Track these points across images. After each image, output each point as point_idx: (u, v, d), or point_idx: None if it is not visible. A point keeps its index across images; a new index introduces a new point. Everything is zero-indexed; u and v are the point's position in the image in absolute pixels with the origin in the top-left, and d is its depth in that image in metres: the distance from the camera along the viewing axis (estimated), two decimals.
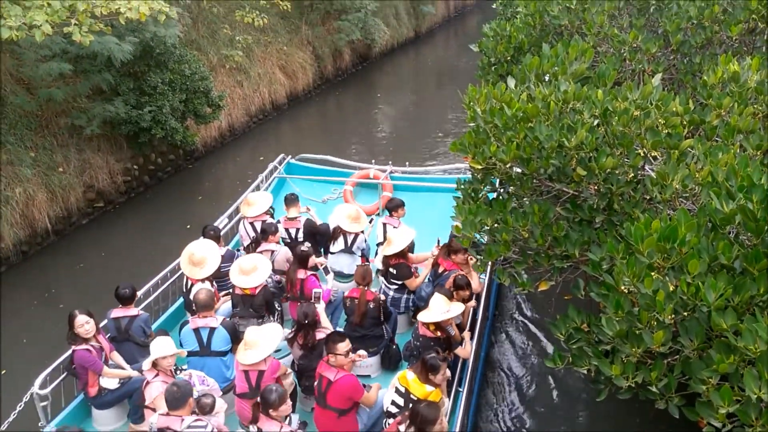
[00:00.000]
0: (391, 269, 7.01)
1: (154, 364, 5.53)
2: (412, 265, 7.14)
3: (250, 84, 16.53)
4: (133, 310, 6.38)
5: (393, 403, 5.27)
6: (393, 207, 7.93)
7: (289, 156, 11.18)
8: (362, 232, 7.66)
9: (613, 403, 4.53)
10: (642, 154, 4.17)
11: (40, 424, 5.83)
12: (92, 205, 11.60)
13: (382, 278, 7.18)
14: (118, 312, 6.33)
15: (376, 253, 7.87)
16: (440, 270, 6.82)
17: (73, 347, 5.82)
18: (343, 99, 19.50)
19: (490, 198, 5.30)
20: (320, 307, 6.20)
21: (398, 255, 6.95)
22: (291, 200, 8.13)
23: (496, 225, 4.67)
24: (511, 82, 5.27)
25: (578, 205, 4.62)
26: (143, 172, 12.90)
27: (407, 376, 5.23)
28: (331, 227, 7.86)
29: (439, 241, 7.17)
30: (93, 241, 10.87)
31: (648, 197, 4.26)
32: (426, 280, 7.03)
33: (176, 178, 13.68)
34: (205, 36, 15.53)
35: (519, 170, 4.81)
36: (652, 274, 3.26)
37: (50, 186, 10.67)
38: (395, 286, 7.05)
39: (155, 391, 5.36)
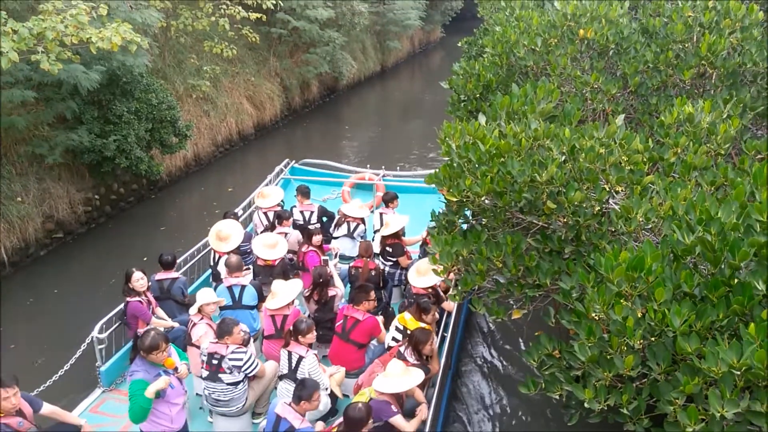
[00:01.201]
0: (387, 248, 8.45)
1: (200, 310, 6.71)
2: (404, 245, 8.56)
3: (216, 114, 16.61)
4: (173, 274, 7.74)
5: (393, 339, 6.73)
6: (388, 199, 9.36)
7: (293, 161, 12.79)
8: (363, 221, 9.13)
9: (581, 425, 4.71)
10: (607, 189, 4.44)
11: (96, 364, 7.02)
12: (51, 236, 11.35)
13: (379, 257, 8.51)
14: (161, 275, 7.66)
15: (373, 239, 9.18)
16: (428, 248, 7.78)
17: (128, 299, 7.11)
18: (311, 130, 19.72)
19: (464, 229, 5.51)
20: (333, 270, 7.68)
21: (394, 236, 8.44)
22: (305, 190, 9.72)
23: (471, 255, 4.86)
24: (482, 119, 5.53)
25: (548, 236, 4.85)
26: (105, 201, 12.74)
27: (405, 317, 6.75)
28: (337, 216, 9.52)
29: (428, 225, 7.82)
30: (49, 275, 10.58)
31: (612, 229, 4.52)
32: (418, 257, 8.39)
33: (139, 208, 13.56)
34: (172, 65, 15.60)
35: (490, 203, 5.03)
36: (622, 301, 3.47)
37: (8, 216, 10.42)
38: (390, 263, 8.47)
39: (201, 331, 6.55)
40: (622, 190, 4.47)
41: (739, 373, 2.97)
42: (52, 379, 6.94)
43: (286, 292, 6.85)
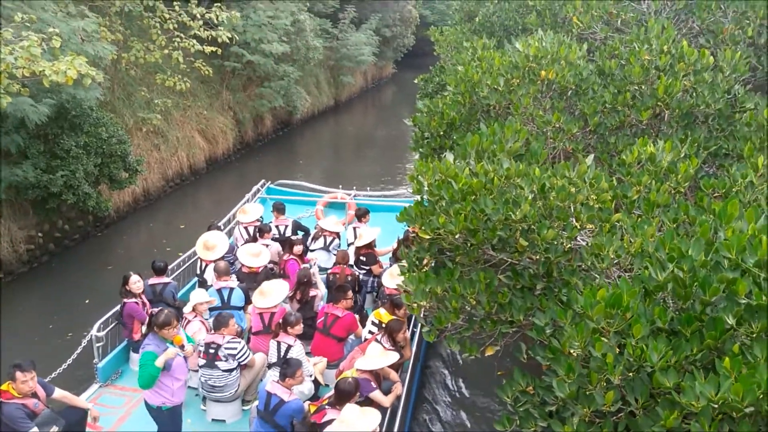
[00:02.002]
0: (361, 257, 9.33)
1: (194, 309, 7.47)
2: (376, 255, 9.49)
3: (167, 148, 16.37)
4: (165, 279, 8.36)
5: (369, 332, 7.54)
6: (361, 214, 10.45)
7: (269, 182, 13.75)
8: (338, 235, 10.09)
9: None
10: (578, 227, 4.56)
11: (94, 361, 7.67)
12: None
13: (354, 266, 9.28)
14: (153, 280, 8.27)
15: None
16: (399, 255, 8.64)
17: (125, 300, 7.80)
18: (264, 164, 19.60)
19: (434, 266, 5.54)
20: (315, 273, 8.56)
21: (367, 247, 9.36)
22: (280, 207, 10.76)
23: (444, 293, 4.90)
24: (450, 156, 5.62)
25: (519, 273, 4.93)
26: (48, 239, 12.22)
27: (380, 312, 7.64)
28: (312, 231, 10.56)
29: (398, 237, 9.55)
30: None
31: (582, 266, 4.63)
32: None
33: (85, 245, 13.07)
34: (121, 98, 15.33)
35: (462, 240, 5.09)
36: (602, 338, 3.55)
37: None
38: (364, 271, 9.29)
39: (195, 328, 7.29)
40: (591, 228, 4.60)
41: (717, 406, 3.06)
42: (52, 376, 7.31)
43: (276, 293, 7.61)
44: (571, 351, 3.82)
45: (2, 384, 5.83)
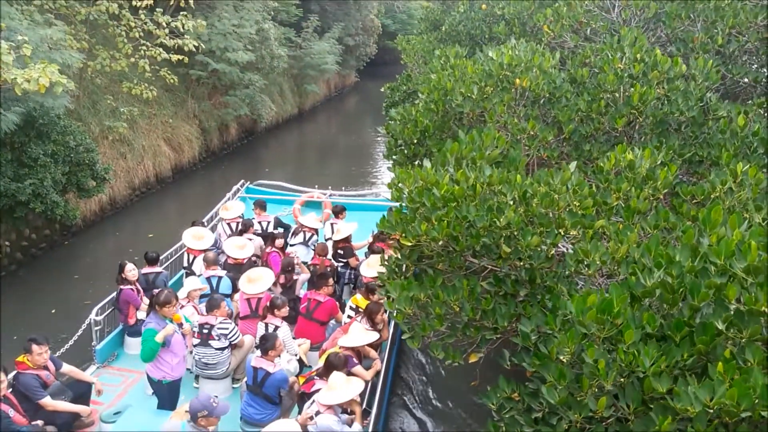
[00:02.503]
0: (339, 251, 9.87)
1: (188, 295, 7.94)
2: (353, 249, 10.00)
3: (133, 156, 16.08)
4: (157, 269, 8.95)
5: (348, 316, 8.08)
6: (338, 211, 11.16)
7: (248, 182, 14.12)
8: (316, 231, 10.73)
9: None
10: (561, 233, 4.58)
11: (93, 344, 8.12)
12: None
13: (332, 259, 9.75)
14: (146, 269, 8.84)
15: None
16: (374, 248, 9.44)
17: (121, 287, 8.31)
18: (229, 172, 19.33)
19: (415, 273, 5.53)
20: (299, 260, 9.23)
21: (344, 240, 9.95)
22: (262, 204, 11.32)
23: (427, 300, 4.87)
24: (427, 164, 5.62)
25: (501, 279, 4.94)
26: (15, 248, 11.97)
27: (357, 297, 8.25)
28: (293, 227, 11.21)
29: (372, 231, 9.83)
30: None
31: (567, 272, 4.66)
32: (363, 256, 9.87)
33: (52, 254, 12.81)
34: (87, 106, 15.00)
35: (444, 247, 5.08)
36: (594, 344, 3.56)
37: None
38: (341, 263, 9.77)
39: (188, 312, 7.62)
40: (574, 234, 4.63)
41: (712, 411, 3.09)
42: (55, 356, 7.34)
43: (263, 280, 8.16)
44: (561, 357, 3.83)
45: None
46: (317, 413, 5.92)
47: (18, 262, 11.99)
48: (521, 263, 4.74)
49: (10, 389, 6.19)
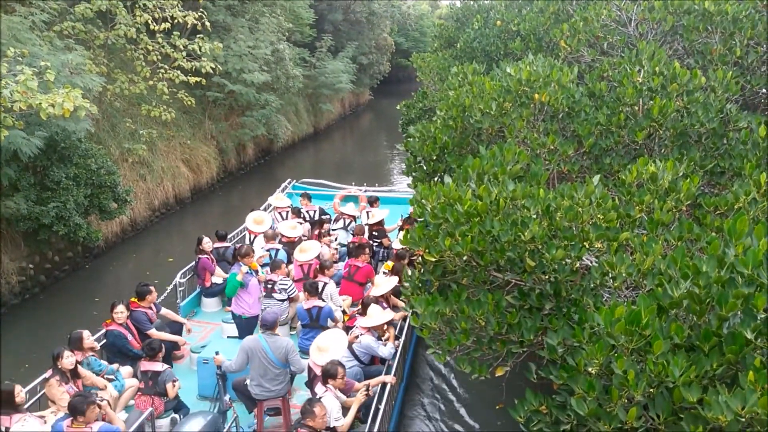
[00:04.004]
0: (374, 232, 11.74)
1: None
2: (386, 231, 11.92)
3: (153, 178, 16.29)
4: (226, 243, 11.08)
5: (384, 272, 9.85)
6: (372, 201, 13.05)
7: (294, 180, 16.64)
8: (354, 219, 12.73)
9: None
10: (587, 246, 4.61)
11: (177, 301, 9.96)
12: None
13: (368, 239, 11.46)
14: (218, 244, 10.86)
15: None
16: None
17: (199, 256, 10.28)
18: (247, 192, 19.54)
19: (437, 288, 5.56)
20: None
21: (378, 224, 11.82)
22: (308, 196, 13.40)
23: (453, 314, 4.90)
24: (447, 180, 5.67)
25: (526, 293, 4.96)
26: (39, 271, 12.13)
27: (388, 263, 10.21)
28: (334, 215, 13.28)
29: (401, 216, 12.03)
30: None
31: (592, 285, 4.67)
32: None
33: (74, 276, 12.96)
34: (106, 129, 15.25)
35: (468, 262, 5.11)
36: (623, 356, 3.58)
37: None
38: (376, 243, 11.53)
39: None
40: (599, 247, 4.66)
41: (744, 419, 3.09)
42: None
43: (313, 250, 9.97)
44: (589, 369, 3.84)
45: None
46: (360, 335, 7.75)
47: (42, 285, 12.12)
48: (546, 277, 4.77)
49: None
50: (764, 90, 6.74)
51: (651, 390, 3.59)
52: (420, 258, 5.47)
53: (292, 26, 25.08)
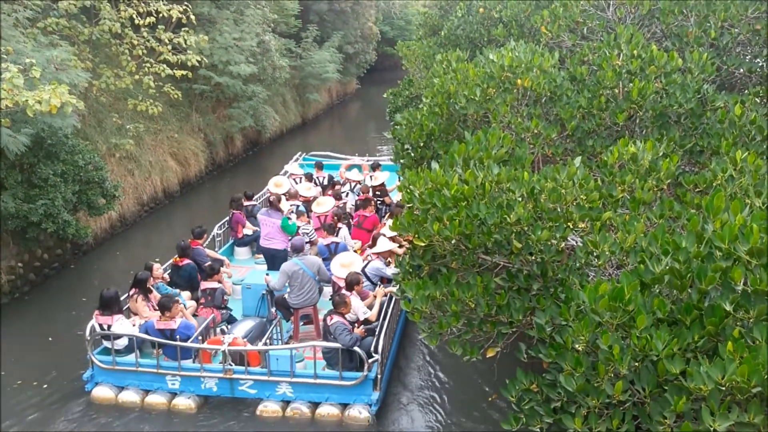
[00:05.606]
0: (377, 192, 13.87)
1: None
2: (386, 190, 14.14)
3: (141, 172, 16.22)
4: (254, 202, 13.29)
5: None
6: (375, 166, 15.21)
7: (303, 153, 18.73)
8: (359, 182, 14.86)
9: None
10: (570, 227, 4.72)
11: (216, 249, 12.05)
12: None
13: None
14: (247, 202, 13.03)
15: None
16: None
17: (233, 211, 12.43)
18: (235, 184, 19.49)
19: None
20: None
21: (380, 184, 14.02)
22: (320, 164, 15.85)
23: (443, 298, 5.01)
24: (435, 166, 5.76)
25: (514, 274, 5.08)
26: (28, 269, 11.98)
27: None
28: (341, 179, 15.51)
29: (398, 178, 12.95)
30: None
31: (577, 264, 4.79)
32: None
33: (64, 273, 12.83)
34: (92, 125, 15.14)
35: (457, 245, 5.22)
36: (608, 331, 3.70)
37: None
38: (379, 201, 13.66)
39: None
40: (583, 227, 4.77)
41: (724, 388, 3.23)
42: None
43: (327, 203, 12.31)
44: (576, 346, 3.96)
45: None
46: (371, 260, 9.60)
47: (31, 283, 12.04)
48: (533, 258, 4.89)
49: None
50: (741, 70, 6.87)
51: (636, 364, 3.72)
52: (410, 243, 5.57)
53: (278, 17, 24.97)
